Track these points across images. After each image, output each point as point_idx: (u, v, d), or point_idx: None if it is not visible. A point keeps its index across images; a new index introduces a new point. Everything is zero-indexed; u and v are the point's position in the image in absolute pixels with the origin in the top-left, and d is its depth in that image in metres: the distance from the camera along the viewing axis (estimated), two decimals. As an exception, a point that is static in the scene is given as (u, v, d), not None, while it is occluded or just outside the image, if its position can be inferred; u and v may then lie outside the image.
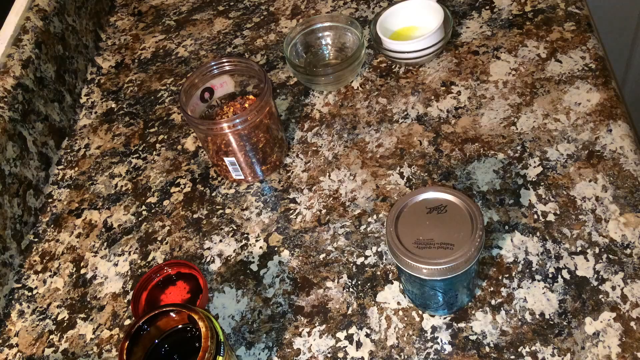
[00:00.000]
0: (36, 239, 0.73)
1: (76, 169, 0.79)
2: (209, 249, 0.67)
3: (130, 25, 0.99)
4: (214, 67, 0.70)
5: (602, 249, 0.57)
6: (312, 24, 0.81)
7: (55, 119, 0.82)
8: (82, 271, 0.68)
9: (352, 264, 0.62)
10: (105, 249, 0.70)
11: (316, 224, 0.66)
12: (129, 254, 0.68)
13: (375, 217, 0.65)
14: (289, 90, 0.81)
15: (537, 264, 0.58)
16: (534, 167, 0.65)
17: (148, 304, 0.62)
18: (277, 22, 0.91)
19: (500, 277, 0.58)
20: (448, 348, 0.54)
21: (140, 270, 0.67)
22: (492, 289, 0.57)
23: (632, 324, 0.52)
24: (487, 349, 0.53)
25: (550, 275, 0.57)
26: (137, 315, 0.60)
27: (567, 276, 0.56)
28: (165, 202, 0.72)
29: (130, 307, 0.63)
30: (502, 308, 0.56)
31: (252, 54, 0.88)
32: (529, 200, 0.62)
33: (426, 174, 0.67)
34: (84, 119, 0.86)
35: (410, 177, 0.67)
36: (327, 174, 0.70)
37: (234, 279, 0.63)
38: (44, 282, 0.68)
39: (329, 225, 0.65)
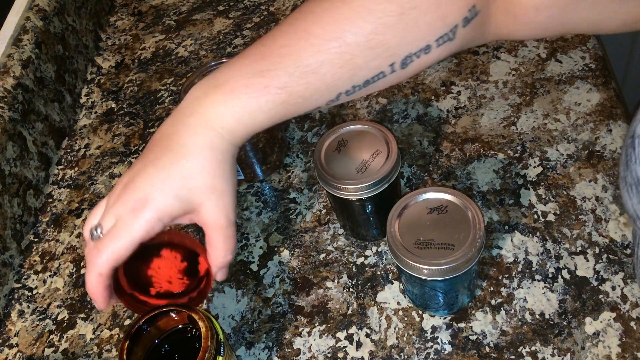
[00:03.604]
0: (36, 239, 0.73)
1: (76, 169, 0.79)
2: (209, 249, 0.67)
3: (130, 25, 0.99)
4: (214, 67, 0.70)
5: (602, 249, 0.57)
6: (312, 24, 0.81)
7: (55, 119, 0.82)
8: (82, 271, 0.68)
9: (352, 264, 0.62)
10: (105, 249, 0.70)
11: (316, 224, 0.66)
12: (129, 254, 0.68)
13: (375, 217, 0.65)
14: (289, 90, 0.81)
15: (537, 264, 0.58)
16: (534, 167, 0.65)
17: (130, 280, 0.48)
18: (277, 22, 0.91)
19: (500, 277, 0.58)
20: (448, 348, 0.54)
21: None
22: (492, 289, 0.57)
23: (632, 324, 0.52)
24: (487, 349, 0.53)
25: (550, 275, 0.57)
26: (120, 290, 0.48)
27: (567, 276, 0.56)
28: (165, 202, 0.72)
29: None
30: (502, 308, 0.56)
31: (252, 54, 0.87)
32: (529, 200, 0.62)
33: (426, 174, 0.67)
34: (84, 119, 0.86)
35: (410, 177, 0.67)
36: (327, 174, 0.70)
37: (234, 279, 0.63)
38: (44, 282, 0.68)
39: (329, 225, 0.65)
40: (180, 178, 0.41)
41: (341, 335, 0.57)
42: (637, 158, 0.38)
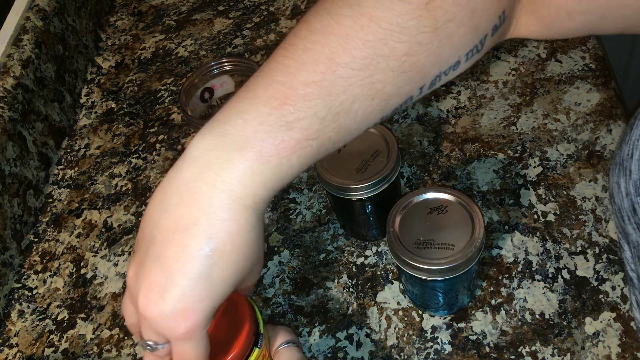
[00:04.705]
0: (36, 239, 0.73)
1: (76, 169, 0.79)
2: (209, 249, 0.67)
3: (130, 25, 0.99)
4: (214, 67, 0.70)
5: (602, 249, 0.57)
6: (312, 24, 0.81)
7: (55, 119, 0.82)
8: (82, 271, 0.68)
9: (352, 264, 0.62)
10: (105, 249, 0.70)
11: (316, 224, 0.66)
12: (129, 254, 0.68)
13: (375, 217, 0.65)
14: (289, 90, 0.81)
15: (537, 264, 0.58)
16: (534, 167, 0.65)
17: None
18: (277, 22, 0.91)
19: (500, 277, 0.58)
20: (448, 348, 0.54)
21: (140, 270, 0.67)
22: (492, 289, 0.57)
23: (632, 324, 0.52)
24: (487, 349, 0.53)
25: (550, 275, 0.57)
26: None
27: (567, 276, 0.56)
28: (165, 202, 0.72)
29: None
30: (502, 308, 0.56)
31: (252, 54, 0.88)
32: (529, 200, 0.62)
33: (426, 174, 0.67)
34: (84, 119, 0.86)
35: (410, 177, 0.67)
36: (327, 174, 0.70)
37: (234, 279, 0.63)
38: (44, 282, 0.68)
39: (329, 225, 0.65)
40: (225, 281, 0.35)
41: (341, 335, 0.57)
42: (629, 139, 0.36)
